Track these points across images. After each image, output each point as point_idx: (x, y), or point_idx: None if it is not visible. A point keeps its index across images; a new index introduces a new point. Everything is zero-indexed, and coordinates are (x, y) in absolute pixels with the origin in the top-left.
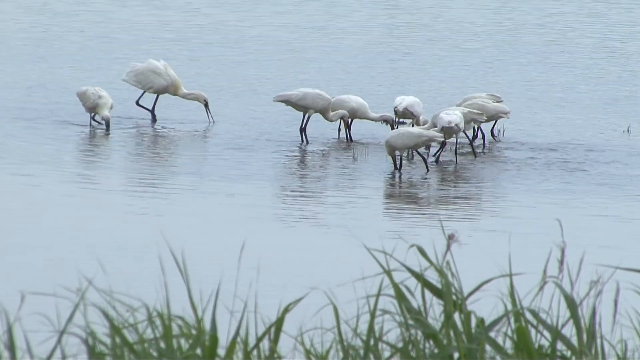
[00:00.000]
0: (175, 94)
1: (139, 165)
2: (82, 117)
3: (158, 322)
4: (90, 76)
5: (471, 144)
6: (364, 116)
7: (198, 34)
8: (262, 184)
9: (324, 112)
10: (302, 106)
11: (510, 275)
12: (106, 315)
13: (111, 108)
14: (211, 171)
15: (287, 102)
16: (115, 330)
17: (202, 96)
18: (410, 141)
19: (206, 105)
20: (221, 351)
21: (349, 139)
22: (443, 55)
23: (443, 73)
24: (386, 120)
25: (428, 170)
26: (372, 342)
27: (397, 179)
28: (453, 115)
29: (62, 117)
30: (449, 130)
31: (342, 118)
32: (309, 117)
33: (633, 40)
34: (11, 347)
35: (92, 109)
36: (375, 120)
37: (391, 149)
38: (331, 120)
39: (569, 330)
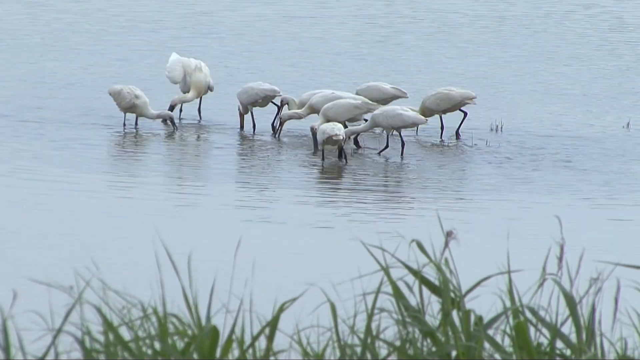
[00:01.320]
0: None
1: (131, 166)
2: (61, 114)
3: (153, 319)
4: (57, 68)
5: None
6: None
7: (174, 24)
8: (252, 181)
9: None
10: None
11: (509, 272)
12: (100, 312)
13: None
14: (202, 171)
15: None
16: (109, 327)
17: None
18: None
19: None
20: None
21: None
22: (433, 46)
23: (433, 64)
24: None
25: (346, 162)
26: (369, 340)
27: (392, 176)
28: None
29: (45, 114)
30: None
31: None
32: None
33: (633, 33)
34: (6, 346)
35: (129, 109)
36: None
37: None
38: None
39: (568, 328)
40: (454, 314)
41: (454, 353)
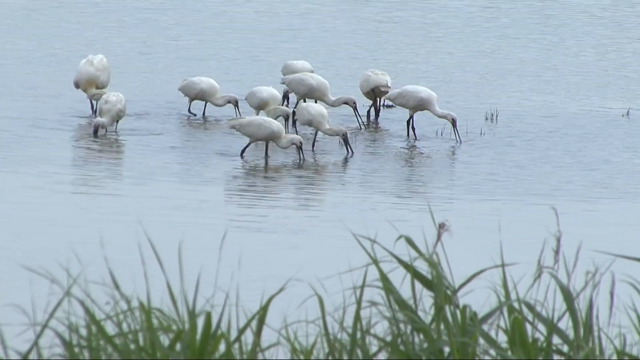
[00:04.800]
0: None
1: (114, 164)
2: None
3: (137, 313)
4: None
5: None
6: (321, 98)
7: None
8: (240, 179)
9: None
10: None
11: (503, 265)
12: (84, 306)
13: (119, 117)
14: (185, 169)
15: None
16: (92, 321)
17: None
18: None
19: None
20: None
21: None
22: (426, 32)
23: (425, 50)
24: (346, 103)
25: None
26: (359, 335)
27: (385, 169)
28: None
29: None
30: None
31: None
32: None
33: (633, 21)
34: None
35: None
36: (334, 105)
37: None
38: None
39: (565, 324)
40: (447, 309)
41: (447, 349)
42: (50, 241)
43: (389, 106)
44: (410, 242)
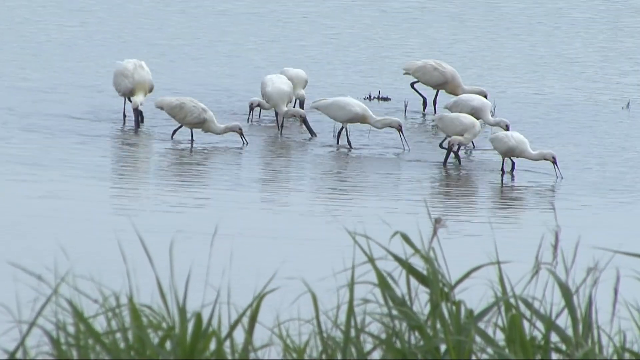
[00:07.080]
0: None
1: (108, 163)
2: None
3: (125, 312)
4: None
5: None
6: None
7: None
8: (237, 173)
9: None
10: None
11: (499, 262)
12: (72, 304)
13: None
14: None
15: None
16: (80, 319)
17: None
18: None
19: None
20: None
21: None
22: (423, 20)
23: (421, 38)
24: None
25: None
26: (353, 333)
27: (381, 165)
28: None
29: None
30: None
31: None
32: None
33: (633, 13)
34: None
35: (197, 124)
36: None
37: None
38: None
39: (564, 321)
40: (443, 306)
41: (443, 347)
42: (38, 240)
43: (384, 99)
44: (405, 238)
